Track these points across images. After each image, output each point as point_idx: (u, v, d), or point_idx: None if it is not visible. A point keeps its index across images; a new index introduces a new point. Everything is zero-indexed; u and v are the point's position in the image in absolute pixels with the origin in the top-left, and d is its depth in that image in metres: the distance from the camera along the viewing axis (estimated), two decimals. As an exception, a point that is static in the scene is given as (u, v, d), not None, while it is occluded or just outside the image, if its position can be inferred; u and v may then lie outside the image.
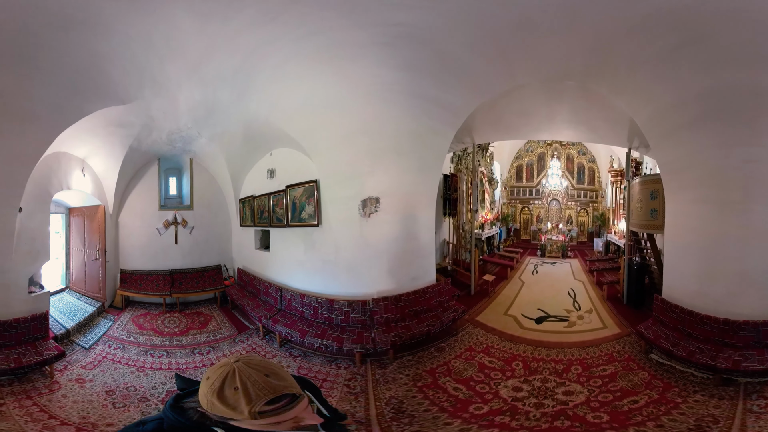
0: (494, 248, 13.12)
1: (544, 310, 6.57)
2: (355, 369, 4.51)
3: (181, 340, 5.60)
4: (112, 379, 4.30)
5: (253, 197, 6.93)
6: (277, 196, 6.15)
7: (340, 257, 5.19)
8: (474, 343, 5.22)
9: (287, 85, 4.38)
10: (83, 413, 3.53)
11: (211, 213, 8.01)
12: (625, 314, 6.29)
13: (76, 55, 3.60)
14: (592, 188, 16.17)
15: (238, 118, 5.39)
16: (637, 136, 6.36)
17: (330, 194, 5.26)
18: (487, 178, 12.73)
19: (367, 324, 4.95)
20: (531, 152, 16.62)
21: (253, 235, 7.22)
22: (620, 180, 12.22)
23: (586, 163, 16.21)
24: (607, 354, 4.77)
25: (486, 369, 4.43)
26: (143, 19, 3.35)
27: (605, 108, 5.32)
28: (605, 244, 12.80)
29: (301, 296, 5.29)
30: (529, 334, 5.52)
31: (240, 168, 7.13)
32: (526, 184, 16.68)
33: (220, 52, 3.87)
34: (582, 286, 8.60)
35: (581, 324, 6.04)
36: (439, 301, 5.58)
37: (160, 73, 4.20)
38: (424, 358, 4.74)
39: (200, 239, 7.87)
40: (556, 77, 4.62)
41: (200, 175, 7.86)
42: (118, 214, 7.42)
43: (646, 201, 6.40)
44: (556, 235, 14.04)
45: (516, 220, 16.51)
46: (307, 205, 5.44)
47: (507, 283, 8.83)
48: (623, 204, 12.02)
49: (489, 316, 6.38)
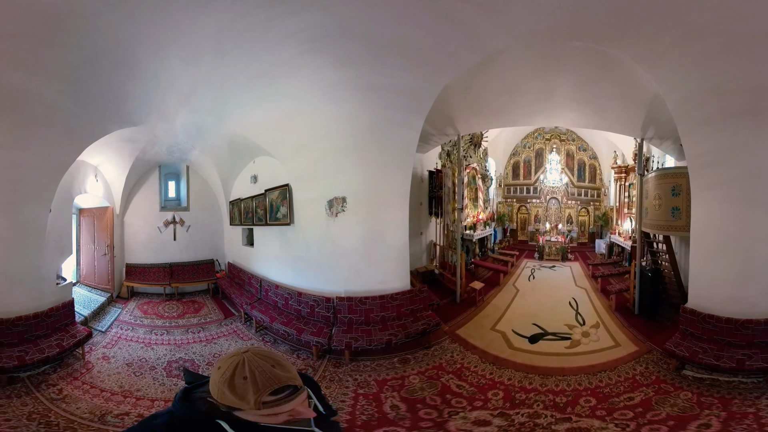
0: (488, 250, 12.74)
1: (541, 326, 5.93)
2: (311, 362, 4.89)
3: (178, 322, 6.89)
4: (128, 354, 5.37)
5: (240, 200, 8.17)
6: (258, 199, 7.34)
7: (310, 254, 5.99)
8: (446, 361, 4.78)
9: (252, 105, 5.39)
10: (119, 383, 4.49)
11: (205, 213, 9.33)
12: (639, 327, 5.72)
13: (111, 89, 4.72)
14: (594, 186, 15.97)
15: (222, 135, 6.62)
16: (654, 124, 5.75)
17: (301, 196, 6.11)
18: (480, 174, 12.49)
19: (330, 321, 5.32)
20: (528, 148, 16.51)
21: (240, 232, 8.48)
22: (625, 177, 11.95)
23: (587, 159, 16.04)
24: (628, 379, 4.16)
25: (449, 393, 3.94)
26: (156, 64, 4.48)
27: (623, 82, 4.63)
28: (608, 246, 12.35)
29: (275, 287, 6.39)
30: (520, 357, 4.89)
31: (228, 174, 8.38)
32: (524, 182, 16.60)
33: (201, 87, 5.05)
34: (585, 295, 7.88)
35: (587, 343, 5.37)
36: (411, 309, 5.41)
37: (162, 103, 5.39)
38: (383, 366, 4.63)
39: (195, 236, 9.20)
40: (556, 35, 3.86)
41: (195, 181, 9.17)
42: (124, 215, 8.74)
43: (666, 198, 5.83)
44: (556, 236, 13.64)
45: (512, 219, 16.30)
46: (282, 206, 6.55)
47: (499, 290, 8.25)
48: (628, 203, 11.58)
49: (472, 330, 5.83)
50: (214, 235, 9.45)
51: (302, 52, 4.27)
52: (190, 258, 9.04)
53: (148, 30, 3.83)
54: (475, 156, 11.69)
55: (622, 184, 12.17)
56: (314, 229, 5.89)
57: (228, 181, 8.57)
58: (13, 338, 4.63)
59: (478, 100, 5.90)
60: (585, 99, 5.66)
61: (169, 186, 9.24)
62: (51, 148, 4.84)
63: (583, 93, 5.49)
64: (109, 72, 4.35)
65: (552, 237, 13.62)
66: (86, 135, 5.31)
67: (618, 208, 12.44)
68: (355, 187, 5.40)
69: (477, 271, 9.96)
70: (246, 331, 6.36)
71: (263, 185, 7.19)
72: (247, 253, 8.17)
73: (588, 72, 4.69)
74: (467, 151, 10.91)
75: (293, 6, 3.64)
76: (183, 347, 5.76)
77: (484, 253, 12.43)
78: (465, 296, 7.35)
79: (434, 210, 9.37)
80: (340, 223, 5.49)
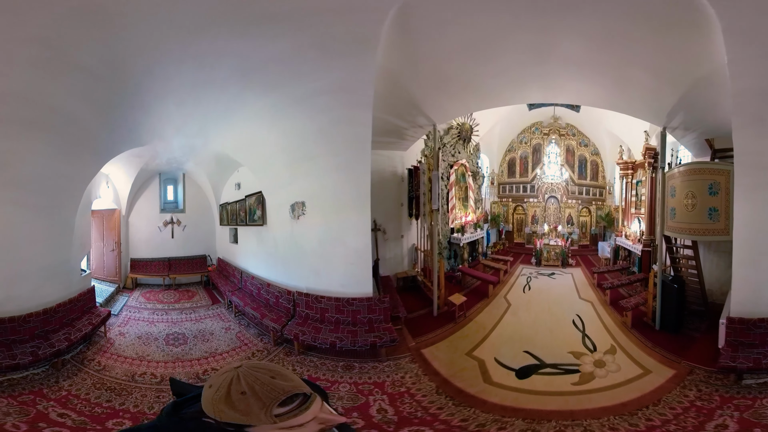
0: (479, 255, 12.20)
1: (536, 355, 5.03)
2: (269, 346, 5.89)
3: (175, 306, 8.77)
4: (137, 330, 7.08)
5: (227, 203, 10.01)
6: (241, 203, 9.13)
7: (278, 251, 7.49)
8: (392, 380, 4.40)
9: (226, 130, 6.99)
10: (135, 351, 6.10)
11: (199, 215, 11.26)
12: (666, 345, 5.22)
13: (129, 121, 6.36)
14: (596, 184, 15.49)
15: (209, 152, 8.47)
16: (686, 111, 5.17)
17: (271, 201, 7.69)
18: (470, 172, 11.94)
19: (290, 312, 6.21)
20: (525, 143, 16.01)
21: (228, 232, 10.33)
22: (632, 173, 11.29)
23: (588, 155, 15.51)
24: (688, 408, 3.65)
25: (364, 416, 3.67)
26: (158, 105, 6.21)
27: (670, 48, 3.82)
28: (614, 250, 11.69)
29: (252, 278, 8.14)
30: (496, 395, 4.05)
31: (218, 181, 10.25)
32: (520, 180, 16.08)
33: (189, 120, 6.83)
34: (591, 310, 7.01)
35: (605, 375, 4.54)
36: (369, 318, 5.48)
37: (162, 131, 7.15)
38: (326, 366, 4.84)
39: (190, 235, 11.14)
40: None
41: (191, 187, 11.11)
42: (129, 216, 10.69)
43: (703, 197, 5.35)
44: (555, 239, 12.98)
45: (508, 220, 15.83)
46: (257, 210, 8.31)
47: (487, 303, 7.48)
48: (636, 202, 10.94)
49: (443, 352, 5.24)
50: (207, 234, 11.37)
51: (243, 88, 5.66)
52: (185, 253, 10.99)
53: (155, 83, 5.59)
54: (464, 151, 11.30)
55: (628, 181, 11.50)
56: (281, 230, 7.31)
57: (218, 187, 10.44)
58: (56, 324, 5.82)
59: (437, 73, 5.04)
60: (601, 64, 4.37)
61: (168, 191, 11.18)
62: (84, 163, 6.37)
63: (601, 55, 4.21)
64: (129, 110, 6.10)
65: (551, 240, 12.97)
66: (108, 153, 6.95)
67: (624, 207, 11.79)
68: (311, 192, 6.29)
69: (464, 279, 9.24)
70: (227, 314, 8.18)
71: (245, 191, 9.00)
72: (233, 249, 10.03)
73: (616, 23, 3.46)
74: (455, 146, 10.78)
75: (222, 60, 5.12)
76: (177, 324, 7.62)
77: (475, 257, 11.80)
78: (445, 308, 6.70)
79: (413, 211, 9.20)
80: (302, 226, 6.64)
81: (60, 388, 4.82)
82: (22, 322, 5.40)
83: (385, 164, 9.03)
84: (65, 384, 4.93)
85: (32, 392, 4.64)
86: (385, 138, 7.69)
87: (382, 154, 8.64)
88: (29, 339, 5.38)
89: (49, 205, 5.91)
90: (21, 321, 5.38)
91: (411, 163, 9.46)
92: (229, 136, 7.24)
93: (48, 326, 5.70)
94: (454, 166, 10.84)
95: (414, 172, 9.17)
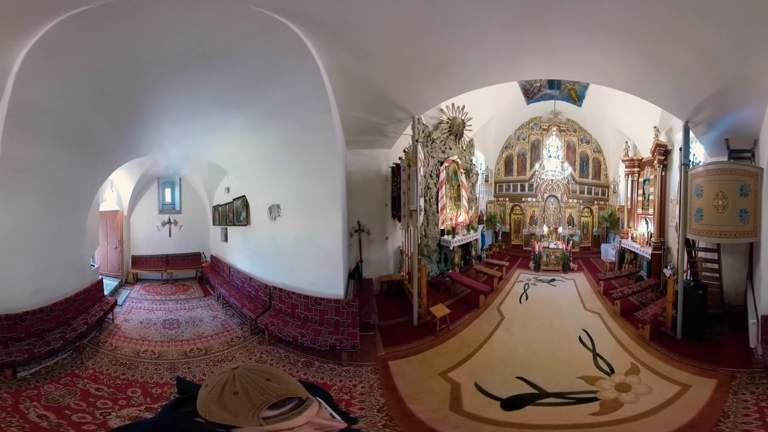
0: (473, 258, 11.72)
1: (532, 381, 4.29)
2: (246, 334, 6.83)
3: (171, 297, 10.27)
4: (139, 317, 8.47)
5: (219, 205, 11.48)
6: (229, 205, 10.57)
7: (259, 249, 8.76)
8: (342, 387, 4.36)
9: (214, 143, 8.30)
10: (138, 334, 7.38)
11: (194, 216, 12.76)
12: (694, 354, 4.96)
13: (136, 136, 7.65)
14: (598, 183, 15.12)
15: (202, 160, 9.95)
16: (716, 106, 4.77)
17: (254, 203, 8.90)
18: (463, 169, 11.58)
19: (267, 304, 7.06)
20: (523, 140, 15.64)
21: (219, 231, 11.79)
22: (638, 172, 10.88)
23: (590, 152, 15.15)
24: (754, 411, 3.50)
25: None
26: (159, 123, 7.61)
27: (730, 27, 3.18)
28: (619, 253, 11.18)
29: (238, 272, 9.57)
30: (463, 427, 3.50)
31: (211, 185, 11.73)
32: (518, 178, 15.72)
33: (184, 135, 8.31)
34: (600, 323, 6.36)
35: (635, 399, 3.99)
36: (336, 320, 5.66)
37: (161, 143, 8.61)
38: (288, 360, 5.21)
39: (187, 234, 12.65)
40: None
41: (187, 190, 12.61)
42: (130, 216, 12.21)
43: (734, 198, 5.32)
44: (555, 242, 12.48)
45: (505, 221, 15.49)
46: (243, 211, 9.71)
47: (477, 315, 6.90)
48: (643, 201, 10.52)
49: (413, 367, 4.84)
50: (201, 233, 12.86)
51: (222, 109, 6.61)
52: (181, 251, 12.51)
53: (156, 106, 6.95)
54: (456, 147, 10.89)
55: (635, 180, 11.01)
56: (262, 230, 8.48)
57: (211, 191, 11.92)
58: (75, 311, 6.82)
59: (395, 57, 4.50)
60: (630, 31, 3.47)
61: (166, 193, 12.69)
62: (97, 171, 7.52)
63: (632, 18, 3.28)
64: (137, 128, 7.39)
65: (551, 243, 12.40)
66: (116, 162, 8.26)
67: (630, 207, 11.32)
68: (285, 196, 7.11)
69: (454, 286, 8.82)
70: (216, 304, 9.63)
71: (233, 195, 10.43)
72: (224, 247, 11.51)
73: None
74: (446, 141, 10.53)
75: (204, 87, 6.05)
76: (173, 312, 9.09)
77: (468, 262, 11.30)
78: (428, 318, 6.33)
79: (395, 212, 8.92)
80: (278, 227, 7.58)
81: (87, 368, 5.85)
82: (49, 311, 6.33)
83: (369, 163, 9.14)
84: (89, 363, 6.01)
85: (67, 374, 5.55)
86: (365, 137, 8.00)
87: (366, 153, 8.85)
88: (56, 326, 6.32)
89: (69, 207, 7.20)
90: (48, 311, 6.31)
91: (396, 161, 8.99)
92: (217, 147, 8.62)
93: (69, 314, 6.74)
94: (445, 163, 10.58)
95: (396, 171, 8.75)
